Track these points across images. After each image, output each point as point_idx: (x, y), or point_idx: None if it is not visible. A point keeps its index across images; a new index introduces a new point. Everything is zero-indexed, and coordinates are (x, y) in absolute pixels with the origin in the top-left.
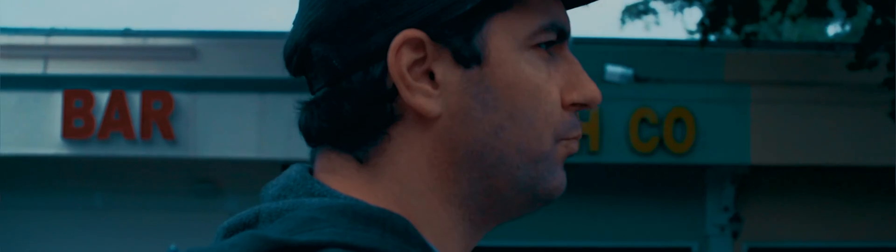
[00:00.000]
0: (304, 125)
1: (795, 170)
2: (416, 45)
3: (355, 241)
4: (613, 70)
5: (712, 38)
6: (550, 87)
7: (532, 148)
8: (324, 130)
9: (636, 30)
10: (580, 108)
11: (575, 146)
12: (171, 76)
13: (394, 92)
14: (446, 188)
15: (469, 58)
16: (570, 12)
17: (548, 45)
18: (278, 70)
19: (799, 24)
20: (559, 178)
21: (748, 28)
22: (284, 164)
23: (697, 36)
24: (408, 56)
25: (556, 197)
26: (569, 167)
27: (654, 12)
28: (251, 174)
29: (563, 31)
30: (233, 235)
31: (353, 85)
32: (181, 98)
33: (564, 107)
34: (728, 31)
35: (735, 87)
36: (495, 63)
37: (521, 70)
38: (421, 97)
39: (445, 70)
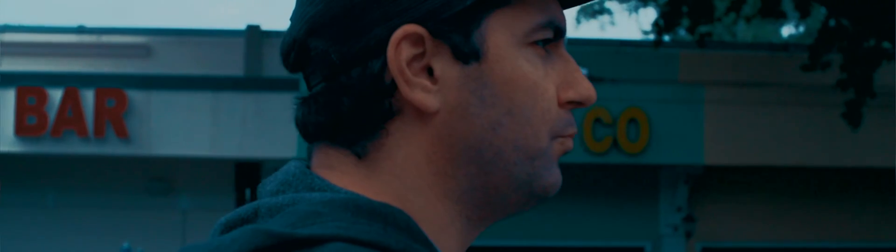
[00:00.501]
0: (301, 121)
1: (749, 170)
2: (416, 40)
3: (359, 235)
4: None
5: (667, 38)
6: (547, 84)
7: (529, 144)
8: (322, 125)
9: (591, 30)
10: (575, 106)
11: (570, 144)
12: (125, 74)
13: (392, 87)
14: (444, 184)
15: (468, 54)
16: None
17: (544, 43)
18: (232, 68)
19: (753, 25)
20: (555, 175)
21: (702, 29)
22: (238, 163)
23: (652, 36)
24: (407, 51)
25: (551, 194)
26: None
27: (609, 12)
28: (204, 172)
29: (559, 29)
30: (231, 231)
31: (352, 80)
32: (135, 96)
33: (560, 104)
34: (682, 32)
35: (689, 87)
36: (494, 59)
37: (519, 67)
38: (420, 92)
39: (444, 66)
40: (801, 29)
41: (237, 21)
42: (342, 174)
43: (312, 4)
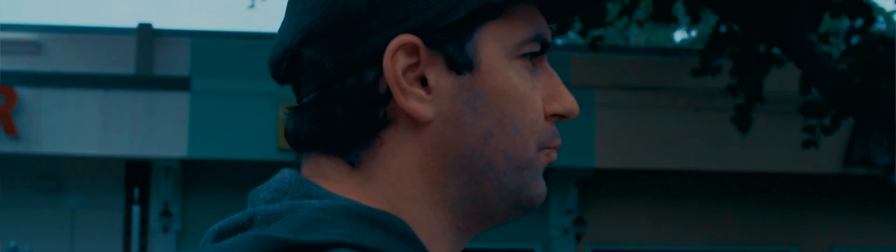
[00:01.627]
0: (292, 130)
1: (639, 173)
2: (411, 50)
3: (363, 241)
4: None
5: (559, 41)
6: (535, 96)
7: (518, 155)
8: (314, 134)
9: None
10: (559, 119)
11: (555, 155)
12: (14, 70)
13: (387, 96)
14: (437, 193)
15: (462, 64)
16: None
17: (531, 56)
18: (123, 66)
19: (646, 30)
20: (541, 186)
21: (594, 32)
22: (128, 162)
23: None
24: (402, 61)
25: (537, 204)
26: None
27: None
28: (94, 171)
29: (546, 42)
30: (225, 238)
31: (347, 89)
32: (25, 93)
33: (545, 117)
34: (574, 35)
35: (580, 90)
36: (486, 70)
37: (510, 78)
38: (415, 102)
39: (438, 76)
40: (694, 34)
41: (129, 19)
42: (336, 182)
43: (306, 14)
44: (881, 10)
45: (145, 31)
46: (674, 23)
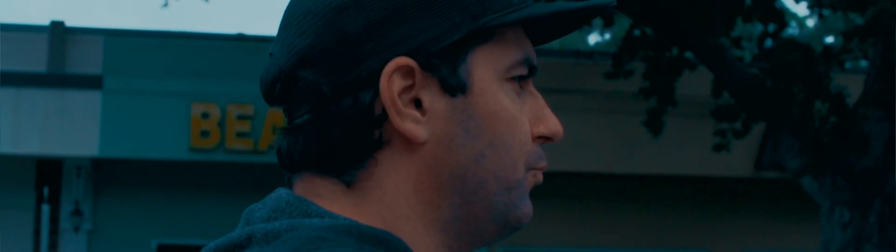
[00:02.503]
0: (286, 151)
1: (550, 176)
2: (407, 72)
3: None
4: None
5: None
6: (523, 118)
7: (508, 176)
8: (309, 155)
9: None
10: (544, 142)
11: (541, 176)
12: None
13: (382, 118)
14: (430, 213)
15: (455, 87)
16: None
17: (519, 79)
18: (35, 64)
19: None
20: (528, 206)
21: None
22: (38, 160)
23: None
24: (398, 83)
25: (524, 224)
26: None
27: None
28: (3, 169)
29: (533, 66)
30: None
31: (343, 110)
32: None
33: (532, 138)
34: None
35: None
36: (478, 93)
37: (500, 100)
38: (410, 123)
39: (433, 98)
40: (607, 37)
41: (41, 16)
42: (332, 202)
43: (301, 37)
44: (794, 16)
45: (58, 28)
46: (587, 26)
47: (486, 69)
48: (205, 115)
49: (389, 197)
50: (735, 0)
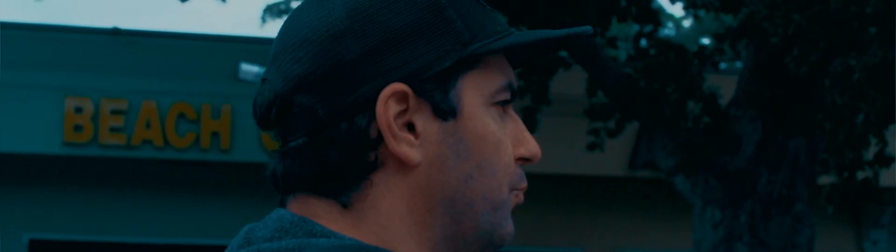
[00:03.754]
0: (282, 173)
1: None
2: (401, 97)
3: None
4: (248, 69)
5: None
6: (507, 141)
7: (494, 196)
8: (306, 177)
9: (276, 29)
10: (524, 163)
11: (522, 196)
12: None
13: (378, 141)
14: (423, 232)
15: (447, 111)
16: None
17: (502, 104)
18: None
19: None
20: (510, 226)
21: None
22: None
23: None
24: (393, 108)
25: (506, 243)
26: (193, 164)
27: None
28: None
29: (514, 90)
30: None
31: (339, 134)
32: None
33: (514, 160)
34: None
35: None
36: (468, 117)
37: (488, 124)
38: (405, 146)
39: (425, 122)
40: None
41: None
42: (329, 222)
43: (297, 63)
44: (670, 16)
45: None
46: None
47: (474, 94)
48: (78, 110)
49: (385, 217)
50: (610, 0)
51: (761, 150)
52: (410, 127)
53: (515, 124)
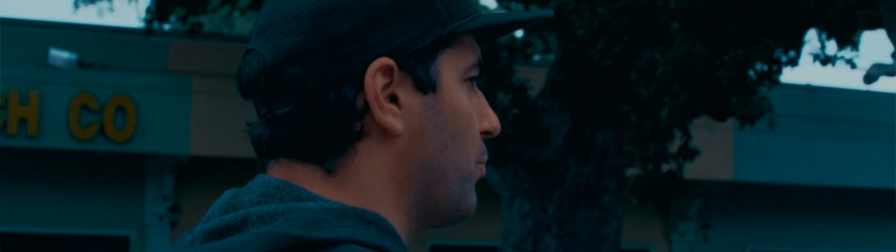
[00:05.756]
0: (267, 139)
1: (233, 161)
2: (387, 71)
3: (366, 238)
4: (57, 54)
5: (167, 27)
6: (475, 115)
7: (464, 167)
8: (292, 143)
9: (89, 15)
10: (486, 136)
11: (484, 170)
12: None
13: (364, 111)
14: (400, 197)
15: (428, 85)
16: None
17: (472, 80)
18: None
19: (251, 19)
20: (474, 197)
21: (194, 19)
22: None
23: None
24: (380, 80)
25: (470, 214)
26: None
27: None
28: None
29: (482, 68)
30: (218, 238)
31: (327, 103)
32: None
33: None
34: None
35: (178, 77)
36: (445, 91)
37: (461, 98)
38: (390, 117)
39: (408, 94)
40: None
41: None
42: (312, 187)
43: (289, 36)
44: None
45: None
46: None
47: (451, 70)
48: None
49: (366, 183)
50: None
51: (569, 141)
52: (392, 99)
53: (479, 99)
